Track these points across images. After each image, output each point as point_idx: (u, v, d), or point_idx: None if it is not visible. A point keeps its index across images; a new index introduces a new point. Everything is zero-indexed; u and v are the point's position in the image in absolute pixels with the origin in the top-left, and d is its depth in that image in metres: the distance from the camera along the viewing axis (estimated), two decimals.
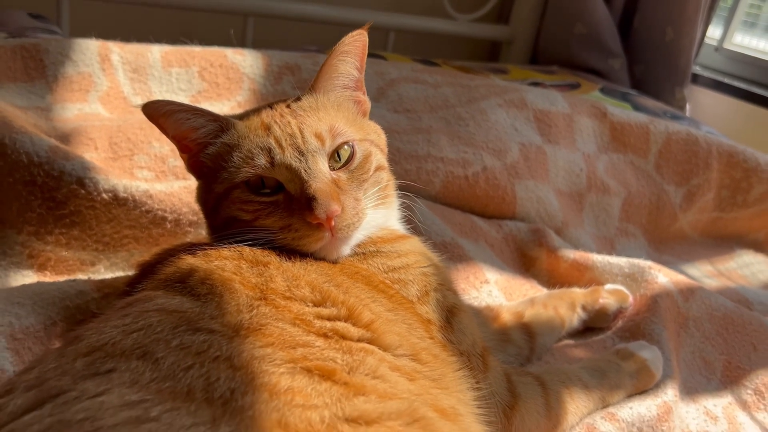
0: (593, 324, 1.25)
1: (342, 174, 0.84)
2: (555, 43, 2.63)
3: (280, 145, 0.82)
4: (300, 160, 0.81)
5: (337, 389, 0.62)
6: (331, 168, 0.84)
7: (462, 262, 1.30)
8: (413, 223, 1.03)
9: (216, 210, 0.86)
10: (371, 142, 0.90)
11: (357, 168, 0.86)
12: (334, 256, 0.83)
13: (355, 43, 0.89)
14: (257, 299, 0.71)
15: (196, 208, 1.17)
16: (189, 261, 0.77)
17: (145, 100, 1.47)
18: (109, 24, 2.03)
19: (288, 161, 0.81)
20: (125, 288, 0.87)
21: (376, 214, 0.88)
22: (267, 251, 0.80)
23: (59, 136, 1.26)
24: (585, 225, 1.65)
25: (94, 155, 1.26)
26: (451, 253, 1.30)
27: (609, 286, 1.28)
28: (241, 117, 0.89)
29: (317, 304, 0.74)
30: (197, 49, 1.57)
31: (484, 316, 1.15)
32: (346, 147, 0.85)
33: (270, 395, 0.58)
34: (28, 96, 1.36)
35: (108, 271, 1.16)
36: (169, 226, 1.19)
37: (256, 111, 0.90)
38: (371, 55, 2.09)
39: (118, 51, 1.49)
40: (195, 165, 0.89)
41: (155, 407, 0.54)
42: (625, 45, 2.55)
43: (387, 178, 0.92)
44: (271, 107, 0.89)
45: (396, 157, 1.47)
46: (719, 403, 1.12)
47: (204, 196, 0.89)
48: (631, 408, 0.99)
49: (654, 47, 2.48)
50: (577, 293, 1.25)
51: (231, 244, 0.80)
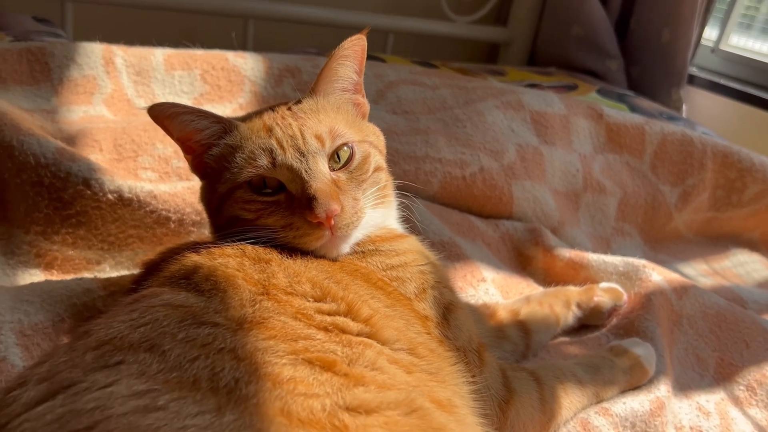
0: (588, 321, 1.25)
1: (341, 174, 0.85)
2: (552, 45, 2.63)
3: (281, 147, 0.83)
4: (301, 160, 0.82)
5: (338, 380, 0.63)
6: (331, 168, 0.84)
7: (460, 260, 1.30)
8: (411, 223, 1.03)
9: (219, 209, 0.87)
10: (370, 143, 0.91)
11: (356, 169, 0.86)
12: (333, 254, 0.85)
13: (354, 48, 0.90)
14: (260, 294, 0.72)
15: (199, 208, 1.19)
16: (193, 259, 0.78)
17: (149, 102, 1.46)
18: (112, 27, 2.02)
19: (289, 162, 0.82)
20: (131, 286, 0.87)
21: (374, 213, 0.89)
22: (269, 249, 0.81)
23: (65, 138, 1.27)
24: (581, 224, 1.65)
25: (99, 157, 1.27)
26: (449, 252, 1.31)
27: (604, 284, 1.29)
28: (244, 119, 0.90)
29: (318, 299, 0.75)
30: (199, 52, 1.58)
31: (480, 313, 1.16)
32: (345, 148, 0.86)
33: (273, 385, 0.60)
34: (34, 99, 1.37)
35: (113, 270, 1.17)
36: (173, 225, 1.20)
37: (258, 113, 0.91)
38: (370, 58, 2.09)
39: (121, 54, 1.50)
40: (199, 166, 0.90)
41: (162, 396, 0.55)
42: (622, 46, 2.55)
43: (385, 178, 0.93)
44: (273, 109, 0.90)
45: (395, 158, 1.48)
46: (711, 399, 1.12)
47: (208, 196, 0.91)
48: (625, 403, 1.00)
49: (650, 49, 2.47)
50: (572, 291, 1.25)
51: (234, 242, 0.81)
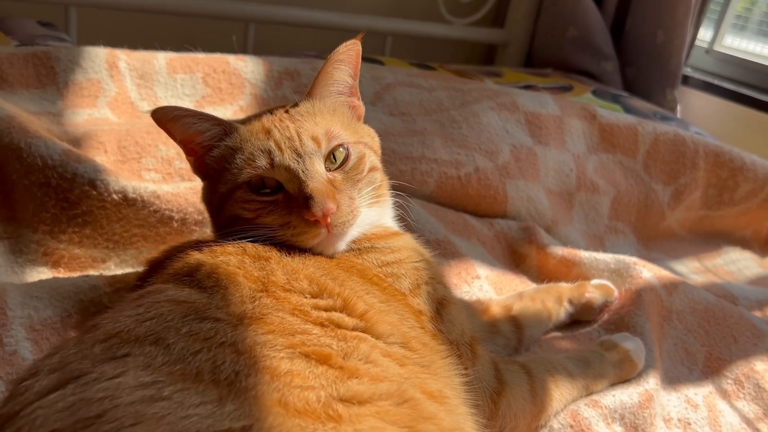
0: (580, 317, 1.27)
1: (337, 174, 0.87)
2: (549, 47, 2.65)
3: (279, 148, 0.85)
4: (298, 161, 0.84)
5: (333, 372, 0.65)
6: (327, 169, 0.86)
7: (455, 258, 1.32)
8: (407, 221, 1.05)
9: (220, 209, 0.89)
10: (365, 144, 0.93)
11: (351, 169, 0.88)
12: (330, 251, 0.86)
13: (349, 52, 0.92)
14: (259, 291, 0.74)
15: (201, 207, 1.20)
16: (196, 256, 0.80)
17: (152, 105, 1.49)
18: (116, 31, 2.04)
19: (287, 163, 0.84)
20: (136, 282, 0.89)
21: (370, 212, 0.91)
22: (268, 247, 0.83)
23: (71, 140, 1.29)
24: (575, 223, 1.66)
25: (104, 158, 1.29)
26: (444, 250, 1.32)
27: (595, 281, 1.31)
28: (244, 121, 0.92)
29: (315, 295, 0.77)
30: (201, 56, 1.60)
31: (474, 309, 1.18)
32: (341, 149, 0.88)
33: (271, 377, 0.62)
34: (40, 102, 1.39)
35: (118, 268, 1.18)
36: (176, 225, 1.21)
37: (257, 116, 0.92)
38: (369, 60, 2.14)
39: (125, 58, 1.51)
40: (200, 167, 0.92)
41: (167, 387, 0.58)
42: (617, 48, 2.57)
43: (380, 178, 0.94)
44: (271, 112, 0.91)
45: (391, 159, 1.49)
46: (700, 392, 1.14)
47: (209, 196, 0.93)
48: (614, 396, 1.01)
49: (645, 50, 2.49)
50: (564, 288, 1.27)
51: (234, 240, 0.83)
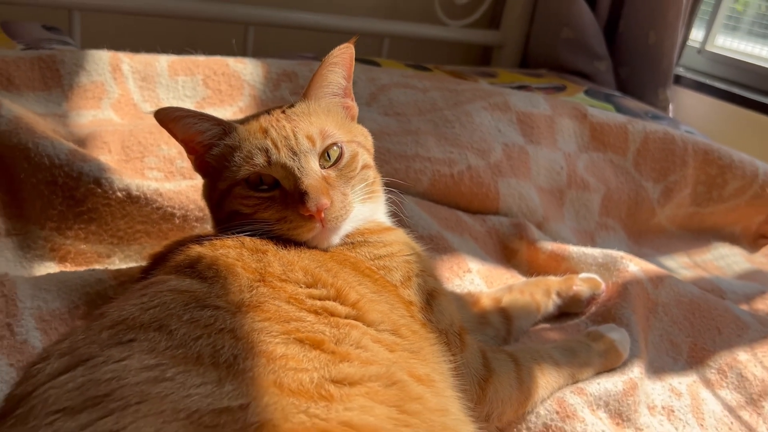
0: (568, 309, 1.30)
1: (331, 172, 0.90)
2: (543, 47, 2.68)
3: (276, 146, 0.88)
4: (294, 159, 0.88)
5: (325, 356, 0.69)
6: (322, 166, 0.90)
7: (447, 253, 1.35)
8: (400, 217, 1.08)
9: (220, 205, 0.93)
10: (358, 143, 0.96)
11: (345, 166, 0.92)
12: (324, 244, 0.90)
13: (343, 55, 0.95)
14: (257, 281, 0.77)
15: (201, 204, 1.23)
16: (197, 250, 0.84)
17: (154, 106, 1.53)
18: (118, 34, 2.09)
19: (283, 160, 0.87)
20: (140, 275, 0.93)
21: (363, 207, 0.94)
22: (265, 240, 0.86)
23: (76, 140, 1.32)
24: (566, 219, 1.69)
25: (108, 157, 1.33)
26: (437, 245, 1.35)
27: (583, 274, 1.33)
28: (242, 121, 0.95)
29: (309, 285, 0.80)
30: (201, 59, 1.63)
31: (464, 301, 1.21)
32: (335, 148, 0.91)
33: (267, 360, 0.65)
34: (46, 104, 1.42)
35: (122, 263, 1.21)
36: (178, 221, 1.24)
37: (255, 116, 0.95)
38: (366, 62, 2.18)
39: (128, 61, 1.55)
40: (201, 165, 0.96)
41: (170, 369, 0.61)
42: (611, 48, 2.60)
43: (373, 175, 0.97)
44: (269, 113, 0.95)
45: (386, 157, 1.52)
46: (684, 381, 1.16)
47: (209, 193, 0.96)
48: (599, 384, 1.03)
49: (638, 50, 2.53)
50: (553, 281, 1.30)
51: (233, 235, 0.86)
